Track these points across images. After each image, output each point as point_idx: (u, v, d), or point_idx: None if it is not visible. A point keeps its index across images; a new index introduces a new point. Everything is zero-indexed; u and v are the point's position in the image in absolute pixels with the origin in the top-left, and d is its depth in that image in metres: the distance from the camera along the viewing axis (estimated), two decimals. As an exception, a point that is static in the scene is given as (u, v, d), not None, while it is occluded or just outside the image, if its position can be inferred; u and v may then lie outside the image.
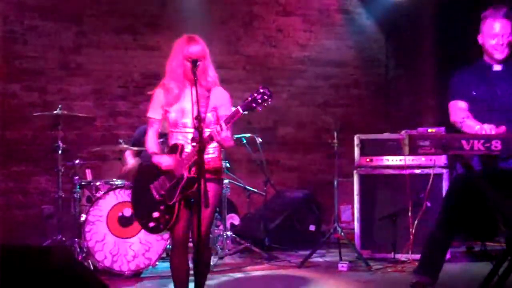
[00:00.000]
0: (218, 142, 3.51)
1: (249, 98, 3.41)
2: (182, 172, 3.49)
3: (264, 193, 6.30)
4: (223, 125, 3.40)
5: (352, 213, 6.23)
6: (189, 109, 3.55)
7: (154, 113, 3.70)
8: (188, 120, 3.57)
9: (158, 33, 7.24)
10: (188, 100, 3.56)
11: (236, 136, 6.27)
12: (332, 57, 7.95)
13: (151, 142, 3.71)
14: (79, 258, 5.08)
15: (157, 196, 3.57)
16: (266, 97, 3.40)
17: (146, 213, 3.61)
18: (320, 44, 7.93)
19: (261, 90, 3.40)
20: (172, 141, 3.66)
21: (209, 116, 3.59)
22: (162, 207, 3.56)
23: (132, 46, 7.17)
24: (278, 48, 7.79)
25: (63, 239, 5.47)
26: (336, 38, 8.00)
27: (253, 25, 7.73)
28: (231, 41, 7.61)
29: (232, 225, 6.46)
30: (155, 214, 3.57)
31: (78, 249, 5.20)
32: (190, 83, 3.52)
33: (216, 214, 5.92)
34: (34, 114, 5.96)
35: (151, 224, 3.61)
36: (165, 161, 3.57)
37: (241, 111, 3.40)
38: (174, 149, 3.59)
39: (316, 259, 5.70)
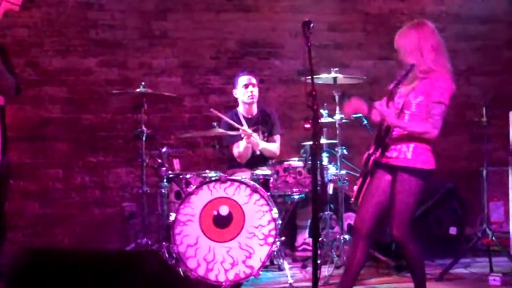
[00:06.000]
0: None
1: None
2: None
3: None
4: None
5: (506, 212, 6.12)
6: None
7: None
8: None
9: (257, -10, 7.31)
10: None
11: (354, 115, 6.28)
12: (478, 12, 7.74)
13: None
14: (169, 265, 5.31)
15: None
16: None
17: None
18: (462, -6, 7.73)
19: None
20: None
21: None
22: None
23: (226, 7, 7.26)
24: (407, 2, 7.67)
25: (149, 242, 5.71)
26: (484, -13, 7.76)
27: (374, -26, 7.66)
28: (346, -4, 7.58)
29: (350, 226, 6.48)
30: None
31: (167, 255, 5.37)
32: None
33: (331, 213, 6.01)
34: (114, 91, 6.21)
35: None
36: None
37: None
38: None
39: (459, 270, 5.67)
